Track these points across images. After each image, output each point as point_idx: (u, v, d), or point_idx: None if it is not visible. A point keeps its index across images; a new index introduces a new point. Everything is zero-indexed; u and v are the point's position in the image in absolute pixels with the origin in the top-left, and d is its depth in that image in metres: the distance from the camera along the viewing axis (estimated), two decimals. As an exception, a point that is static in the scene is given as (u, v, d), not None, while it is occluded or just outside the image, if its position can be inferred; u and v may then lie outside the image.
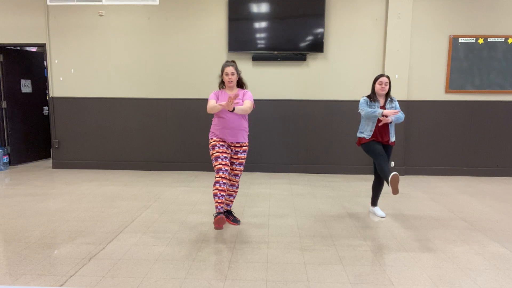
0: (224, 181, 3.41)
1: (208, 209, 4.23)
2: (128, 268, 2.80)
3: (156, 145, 6.23)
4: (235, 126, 3.49)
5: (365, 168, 6.01)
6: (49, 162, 6.86)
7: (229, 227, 3.66)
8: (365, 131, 3.85)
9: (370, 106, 3.83)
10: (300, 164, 6.14)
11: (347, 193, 4.97)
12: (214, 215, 3.43)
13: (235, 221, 3.76)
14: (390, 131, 3.85)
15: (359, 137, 3.91)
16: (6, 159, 6.38)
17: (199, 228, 3.61)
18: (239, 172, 3.66)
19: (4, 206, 4.27)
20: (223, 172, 3.41)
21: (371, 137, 3.81)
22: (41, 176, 5.80)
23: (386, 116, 3.68)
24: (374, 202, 4.12)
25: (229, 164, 3.53)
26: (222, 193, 3.41)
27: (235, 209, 4.21)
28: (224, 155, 3.47)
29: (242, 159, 3.62)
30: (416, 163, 6.04)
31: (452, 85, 5.86)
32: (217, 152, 3.47)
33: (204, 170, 6.18)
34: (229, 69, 3.48)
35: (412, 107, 5.89)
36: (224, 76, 3.51)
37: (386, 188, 5.18)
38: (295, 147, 6.11)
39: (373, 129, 3.80)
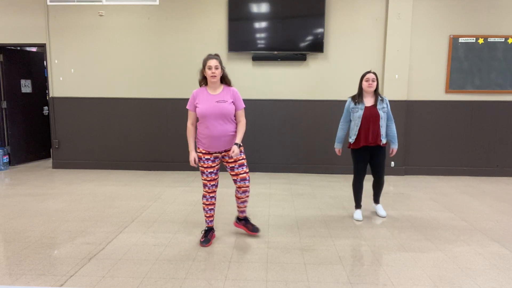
0: (212, 195, 3.26)
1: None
2: (128, 268, 2.80)
3: (156, 145, 6.23)
4: (221, 135, 3.09)
5: (365, 168, 6.00)
6: (49, 162, 6.86)
7: (229, 227, 3.66)
8: (352, 135, 3.83)
9: (352, 110, 3.79)
10: (300, 164, 6.14)
11: (347, 193, 4.97)
12: (202, 232, 3.37)
13: (254, 230, 3.41)
14: (380, 133, 3.71)
15: (349, 141, 3.89)
16: (6, 159, 6.38)
17: (199, 228, 3.61)
18: (245, 174, 3.21)
19: (4, 206, 4.27)
20: (209, 188, 3.23)
21: (355, 141, 3.77)
22: (41, 176, 5.80)
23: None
24: (375, 200, 4.13)
25: (216, 178, 3.24)
26: (210, 207, 3.29)
27: (235, 209, 4.20)
28: (209, 170, 3.18)
29: (240, 159, 3.19)
30: (416, 163, 6.04)
31: (452, 85, 5.86)
32: (201, 167, 3.20)
33: (204, 170, 6.17)
34: (213, 62, 3.06)
35: (412, 107, 5.89)
36: (207, 70, 3.08)
37: (387, 188, 5.19)
38: (295, 147, 6.11)
39: (356, 132, 3.75)
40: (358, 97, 3.78)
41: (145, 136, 6.22)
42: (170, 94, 6.10)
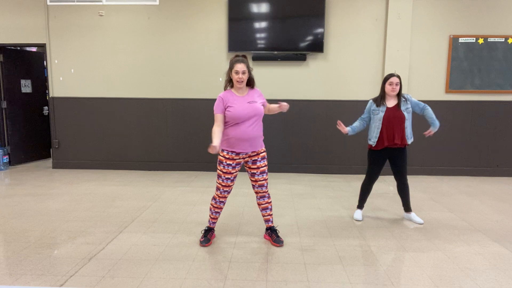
0: (222, 199, 3.19)
1: (208, 209, 4.23)
2: (128, 268, 2.80)
3: (156, 145, 6.23)
4: (251, 136, 3.02)
5: (365, 168, 6.00)
6: (49, 162, 6.86)
7: (229, 227, 3.66)
8: (371, 138, 3.73)
9: (373, 112, 3.70)
10: (300, 164, 6.14)
11: (347, 193, 4.97)
12: (202, 231, 3.35)
13: (278, 241, 3.23)
14: (406, 133, 3.66)
15: (368, 144, 3.79)
16: (6, 159, 6.38)
17: (199, 228, 3.61)
18: (264, 181, 3.18)
19: (4, 206, 4.27)
20: (221, 192, 3.15)
21: (377, 143, 3.68)
22: (41, 176, 5.80)
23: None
24: (407, 208, 3.92)
25: (231, 185, 3.15)
26: (217, 210, 3.24)
27: (236, 209, 4.21)
28: (227, 176, 3.08)
29: (263, 167, 3.15)
30: (416, 163, 6.03)
31: (452, 85, 5.86)
32: (220, 171, 3.10)
33: (204, 170, 6.18)
34: (240, 67, 2.97)
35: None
36: (233, 74, 2.99)
37: (387, 188, 5.19)
38: (295, 147, 6.11)
39: (378, 135, 3.66)
40: (380, 100, 3.68)
41: (145, 136, 6.22)
42: (170, 94, 6.10)
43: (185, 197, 4.71)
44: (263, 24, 5.77)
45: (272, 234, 3.30)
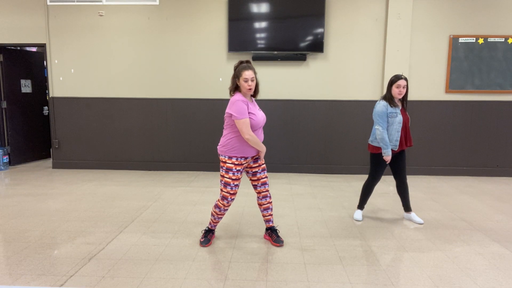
0: (226, 208, 3.14)
1: (208, 209, 4.23)
2: (128, 268, 2.80)
3: (156, 145, 6.23)
4: (261, 140, 3.09)
5: (365, 168, 6.01)
6: (49, 162, 6.86)
7: (230, 227, 3.66)
8: (391, 141, 3.59)
9: (390, 114, 3.55)
10: (300, 164, 6.14)
11: (347, 193, 4.97)
12: (202, 231, 3.35)
13: (278, 241, 3.23)
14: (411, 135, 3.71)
15: (377, 146, 3.63)
16: (6, 159, 6.38)
17: (199, 228, 3.61)
18: (266, 179, 3.19)
19: (4, 206, 4.27)
20: (227, 202, 3.09)
21: (398, 147, 3.61)
22: (41, 176, 5.80)
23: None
24: (407, 207, 3.89)
25: (237, 191, 3.12)
26: (220, 216, 3.21)
27: (235, 209, 4.21)
28: (236, 182, 3.04)
29: (263, 164, 3.19)
30: (416, 163, 6.04)
31: (452, 85, 5.86)
32: (229, 179, 3.02)
33: (204, 170, 6.18)
34: (249, 74, 2.90)
35: (412, 107, 5.89)
36: (242, 82, 2.92)
37: (387, 189, 5.19)
38: (295, 147, 6.11)
39: (398, 138, 3.57)
40: (392, 101, 3.57)
41: (145, 136, 6.22)
42: (170, 94, 6.10)
43: (185, 197, 4.71)
44: (263, 24, 5.77)
45: (272, 234, 3.30)
